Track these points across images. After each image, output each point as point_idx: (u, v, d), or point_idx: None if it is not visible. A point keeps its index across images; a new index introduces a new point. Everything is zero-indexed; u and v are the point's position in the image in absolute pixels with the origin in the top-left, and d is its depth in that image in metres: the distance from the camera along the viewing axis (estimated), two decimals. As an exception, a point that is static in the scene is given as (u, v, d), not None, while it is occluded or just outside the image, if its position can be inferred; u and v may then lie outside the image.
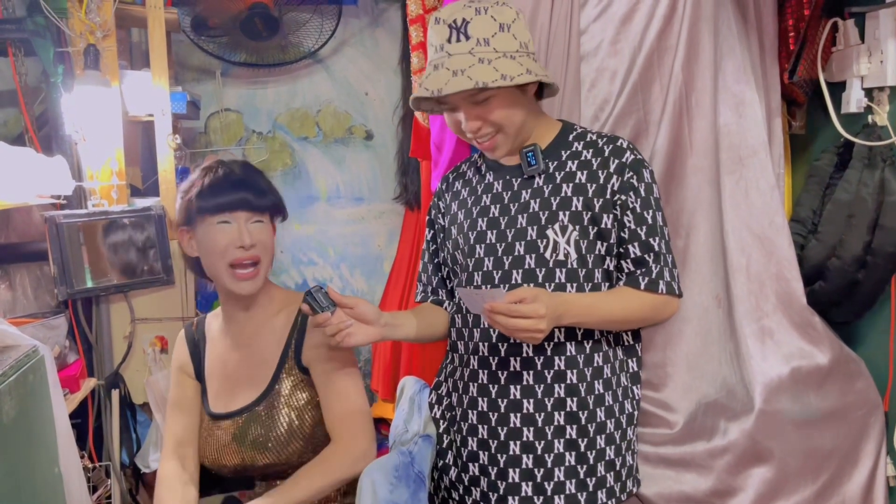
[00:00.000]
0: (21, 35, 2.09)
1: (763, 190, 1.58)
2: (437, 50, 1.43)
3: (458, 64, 1.37)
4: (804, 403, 1.49)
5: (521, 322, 1.25)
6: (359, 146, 3.09)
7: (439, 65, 1.40)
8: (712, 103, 1.62)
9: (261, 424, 1.49)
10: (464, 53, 1.38)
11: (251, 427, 1.49)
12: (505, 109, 1.41)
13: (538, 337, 1.28)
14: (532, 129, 1.50)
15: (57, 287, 2.01)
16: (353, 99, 3.07)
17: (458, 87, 1.35)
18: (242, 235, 1.45)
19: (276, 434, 1.48)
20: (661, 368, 1.61)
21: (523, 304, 1.25)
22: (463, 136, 1.49)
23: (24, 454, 1.29)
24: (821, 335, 1.53)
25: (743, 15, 1.64)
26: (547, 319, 1.26)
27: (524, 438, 1.47)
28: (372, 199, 3.12)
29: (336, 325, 1.36)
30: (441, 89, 1.37)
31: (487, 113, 1.41)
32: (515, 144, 1.48)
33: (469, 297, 1.37)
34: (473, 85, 1.34)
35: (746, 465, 1.49)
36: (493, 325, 1.29)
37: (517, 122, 1.44)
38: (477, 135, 1.44)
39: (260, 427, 1.49)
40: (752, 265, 1.57)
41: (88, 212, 2.05)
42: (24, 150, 1.89)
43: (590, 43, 1.69)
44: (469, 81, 1.34)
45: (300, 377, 1.51)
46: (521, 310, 1.24)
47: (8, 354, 1.35)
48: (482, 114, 1.41)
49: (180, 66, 2.89)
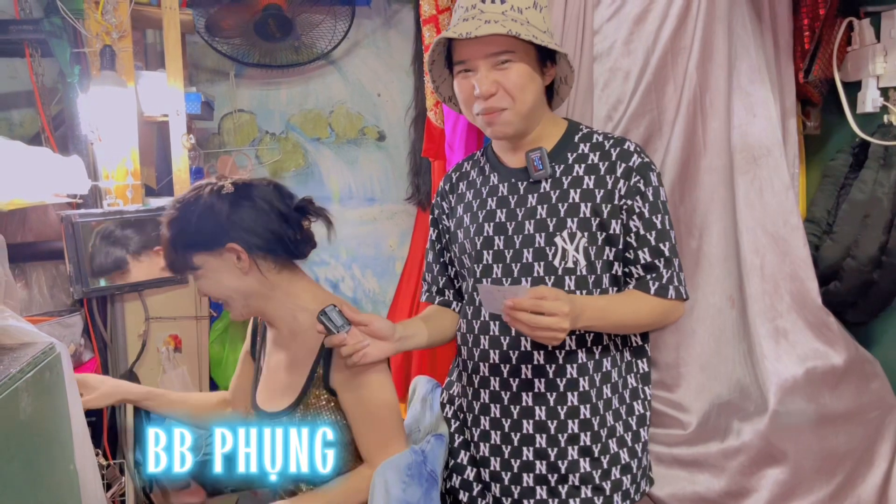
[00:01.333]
0: (38, 36, 2.11)
1: (777, 190, 1.58)
2: (469, 9, 1.41)
3: (492, 16, 1.37)
4: (819, 404, 1.48)
5: (544, 320, 1.22)
6: (371, 147, 3.10)
7: (469, 17, 1.39)
8: (726, 103, 1.61)
9: None
10: (497, 12, 1.38)
11: None
12: (523, 80, 1.39)
13: (560, 336, 1.25)
14: (539, 121, 1.48)
15: (72, 286, 2.02)
16: (366, 100, 3.07)
17: (489, 31, 1.34)
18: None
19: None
20: (675, 369, 1.61)
21: (547, 301, 1.22)
22: (471, 114, 1.46)
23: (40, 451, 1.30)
24: (836, 336, 1.52)
25: (758, 14, 1.64)
26: (569, 318, 1.24)
27: (537, 445, 1.46)
28: (384, 200, 3.12)
29: (352, 346, 1.34)
30: (470, 32, 1.35)
31: (505, 79, 1.39)
32: (521, 126, 1.45)
33: (489, 294, 1.32)
34: (507, 31, 1.33)
35: (760, 465, 1.48)
36: (512, 325, 1.26)
37: (529, 99, 1.42)
38: (488, 103, 1.40)
39: None
40: (767, 265, 1.56)
41: (104, 211, 2.07)
42: (41, 150, 1.90)
43: (603, 43, 1.69)
44: (502, 28, 1.33)
45: (327, 398, 1.47)
46: (545, 306, 1.21)
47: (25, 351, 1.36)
48: (499, 78, 1.39)
49: (194, 67, 2.90)
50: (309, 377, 1.47)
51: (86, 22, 2.09)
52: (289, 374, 1.51)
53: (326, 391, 1.46)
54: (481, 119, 1.45)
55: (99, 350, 2.15)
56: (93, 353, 2.10)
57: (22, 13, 2.20)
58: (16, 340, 1.42)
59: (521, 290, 1.24)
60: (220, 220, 1.43)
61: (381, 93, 3.08)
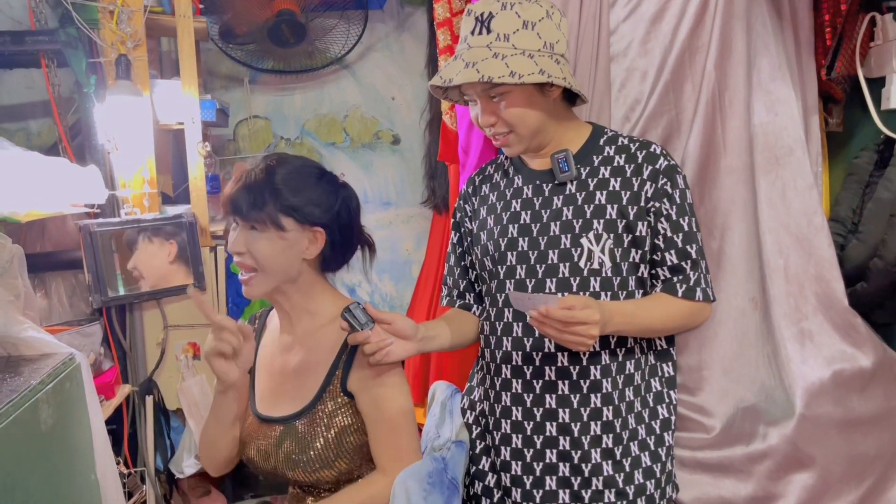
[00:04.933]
0: (53, 46, 2.13)
1: (801, 189, 1.55)
2: (462, 41, 1.44)
3: (473, 56, 1.37)
4: (847, 408, 1.45)
5: (576, 328, 1.23)
6: (386, 151, 3.10)
7: (458, 55, 1.41)
8: (746, 102, 1.59)
9: (296, 441, 1.45)
10: (482, 46, 1.38)
11: (286, 440, 1.46)
12: (518, 109, 1.40)
13: (589, 343, 1.26)
14: (554, 133, 1.48)
15: (91, 295, 2.03)
16: (380, 104, 3.08)
17: (464, 78, 1.36)
18: (235, 242, 1.43)
19: (308, 456, 1.44)
20: (697, 372, 1.59)
21: (579, 311, 1.23)
22: (483, 130, 1.49)
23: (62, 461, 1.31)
24: (863, 337, 1.49)
25: (777, 11, 1.61)
26: (599, 325, 1.25)
27: (560, 447, 1.45)
28: (400, 204, 3.13)
29: (376, 344, 1.34)
30: (452, 79, 1.38)
31: (501, 110, 1.41)
32: (531, 145, 1.47)
33: (519, 301, 1.34)
34: (478, 78, 1.34)
35: (787, 470, 1.46)
36: (541, 330, 1.27)
37: (531, 124, 1.42)
38: (492, 131, 1.45)
39: (295, 444, 1.45)
40: (791, 266, 1.53)
41: (121, 220, 2.08)
42: (59, 161, 1.92)
43: (619, 43, 1.67)
44: (476, 74, 1.34)
45: (343, 400, 1.45)
46: (578, 316, 1.22)
47: (45, 362, 1.36)
48: (496, 110, 1.41)
49: (209, 73, 2.92)
50: (326, 379, 1.46)
51: (101, 32, 2.10)
52: (299, 377, 1.50)
53: (343, 393, 1.45)
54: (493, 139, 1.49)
55: (118, 358, 2.16)
56: (112, 362, 2.11)
57: (37, 24, 2.21)
58: (36, 351, 1.43)
59: (551, 299, 1.24)
60: (330, 202, 1.46)
61: (395, 96, 3.08)
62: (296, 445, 1.45)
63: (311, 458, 1.44)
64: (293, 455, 1.45)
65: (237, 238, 1.43)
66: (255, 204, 1.41)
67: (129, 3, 2.10)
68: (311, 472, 1.45)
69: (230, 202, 1.43)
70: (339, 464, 1.45)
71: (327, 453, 1.44)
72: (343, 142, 3.08)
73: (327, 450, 1.44)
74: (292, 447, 1.46)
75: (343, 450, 1.45)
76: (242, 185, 1.42)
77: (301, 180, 1.46)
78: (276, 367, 1.55)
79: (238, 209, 1.42)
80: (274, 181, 1.43)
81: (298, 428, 1.46)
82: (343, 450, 1.45)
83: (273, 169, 1.44)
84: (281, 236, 1.44)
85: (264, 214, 1.41)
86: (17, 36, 2.14)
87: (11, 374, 1.27)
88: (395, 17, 3.02)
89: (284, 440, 1.47)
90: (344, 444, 1.45)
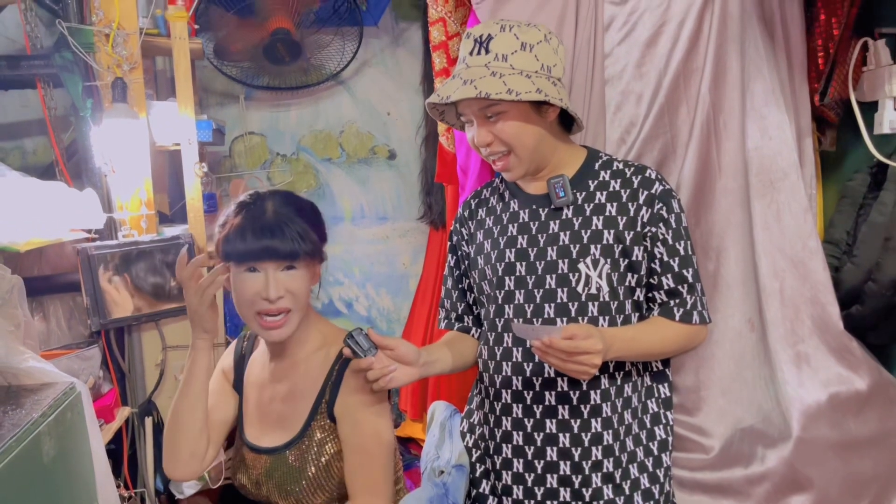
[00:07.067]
0: (49, 70, 2.12)
1: (796, 213, 1.56)
2: (460, 62, 1.46)
3: (471, 75, 1.39)
4: (843, 430, 1.46)
5: (579, 358, 1.25)
6: (382, 166, 3.11)
7: (456, 75, 1.42)
8: (741, 125, 1.60)
9: (287, 471, 1.46)
10: (480, 66, 1.40)
11: (277, 470, 1.47)
12: (516, 128, 1.41)
13: (592, 372, 1.27)
14: (552, 155, 1.49)
15: (90, 317, 2.03)
16: (376, 119, 3.08)
17: (462, 94, 1.37)
18: (269, 288, 1.37)
19: (301, 485, 1.45)
20: (695, 393, 1.60)
21: (582, 340, 1.24)
22: (480, 152, 1.49)
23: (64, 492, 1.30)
24: (859, 360, 1.51)
25: (770, 35, 1.63)
26: (601, 354, 1.27)
27: (561, 472, 1.46)
28: (396, 219, 3.13)
29: (379, 370, 1.34)
30: (449, 96, 1.39)
31: (497, 129, 1.42)
32: (531, 168, 1.48)
33: (522, 332, 1.37)
34: (476, 94, 1.35)
35: (786, 492, 1.47)
36: (543, 359, 1.29)
37: (528, 144, 1.43)
38: (488, 151, 1.45)
39: (286, 473, 1.46)
40: (787, 289, 1.55)
41: (119, 242, 2.08)
42: (56, 185, 1.91)
43: (614, 66, 1.69)
44: (474, 90, 1.36)
45: (330, 426, 1.46)
46: (581, 346, 1.24)
47: (46, 393, 1.36)
48: (493, 129, 1.42)
49: (204, 91, 2.92)
50: (314, 405, 1.46)
51: (96, 55, 2.09)
52: (287, 404, 1.49)
53: (330, 419, 1.45)
54: (491, 162, 1.49)
55: (117, 380, 2.16)
56: (111, 384, 2.11)
57: (32, 46, 2.21)
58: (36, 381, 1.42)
59: (554, 330, 1.26)
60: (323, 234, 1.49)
61: (390, 111, 3.09)
62: (287, 476, 1.46)
63: (303, 488, 1.45)
64: (286, 486, 1.46)
65: (271, 283, 1.38)
66: (293, 240, 1.38)
67: (125, 25, 2.10)
68: (305, 497, 1.46)
69: (259, 251, 1.37)
70: (331, 486, 1.46)
71: (319, 480, 1.45)
72: (339, 157, 3.08)
73: (319, 477, 1.45)
74: (284, 478, 1.46)
75: (334, 474, 1.46)
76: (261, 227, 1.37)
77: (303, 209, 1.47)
78: (265, 395, 1.55)
79: (273, 252, 1.37)
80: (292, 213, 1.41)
81: (289, 458, 1.46)
82: (334, 474, 1.46)
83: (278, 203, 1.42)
84: (310, 269, 1.46)
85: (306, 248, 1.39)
86: (13, 60, 2.14)
87: (13, 407, 1.27)
88: (390, 33, 3.03)
89: (276, 471, 1.47)
90: (334, 468, 1.46)
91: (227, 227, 1.41)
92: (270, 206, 1.41)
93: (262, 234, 1.37)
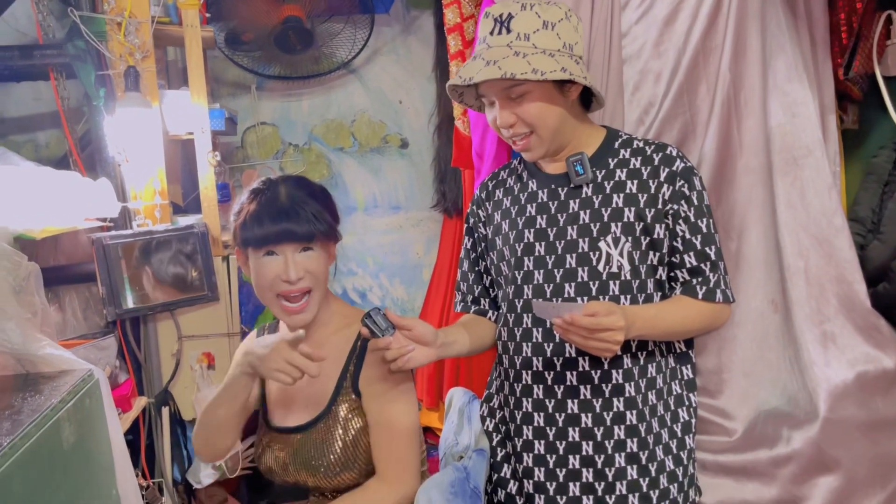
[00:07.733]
0: (62, 60, 2.12)
1: (820, 190, 1.53)
2: (481, 42, 1.44)
3: (494, 55, 1.37)
4: (871, 409, 1.44)
5: (601, 335, 1.23)
6: (394, 155, 3.09)
7: (478, 55, 1.40)
8: (762, 102, 1.58)
9: (315, 448, 1.47)
10: (502, 46, 1.38)
11: (304, 449, 1.48)
12: (540, 109, 1.39)
13: (614, 349, 1.26)
14: (572, 136, 1.47)
15: (105, 307, 2.03)
16: (388, 108, 3.07)
17: (486, 76, 1.34)
18: (289, 269, 1.40)
19: (328, 461, 1.45)
20: (717, 375, 1.58)
21: (603, 317, 1.23)
22: (501, 133, 1.48)
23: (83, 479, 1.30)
24: (887, 339, 1.48)
25: (792, 10, 1.60)
26: (623, 331, 1.25)
27: (583, 453, 1.45)
28: (409, 208, 3.12)
29: (397, 350, 1.33)
30: (472, 77, 1.37)
31: (521, 109, 1.39)
32: (552, 148, 1.46)
33: (542, 310, 1.35)
34: (501, 75, 1.33)
35: (812, 473, 1.45)
36: (565, 337, 1.27)
37: (551, 123, 1.41)
38: (511, 132, 1.43)
39: (314, 450, 1.47)
40: (811, 268, 1.52)
41: (134, 232, 2.07)
42: (71, 174, 1.91)
43: (632, 45, 1.67)
44: (498, 71, 1.33)
45: (356, 402, 1.47)
46: (603, 322, 1.22)
47: (64, 380, 1.36)
48: (516, 110, 1.40)
49: (216, 81, 2.91)
50: (339, 381, 1.47)
51: (109, 44, 2.09)
52: (311, 385, 1.50)
53: (355, 393, 1.46)
54: (511, 143, 1.47)
55: (133, 370, 2.16)
56: (128, 374, 2.11)
57: (44, 36, 2.20)
58: (54, 368, 1.42)
59: (575, 307, 1.24)
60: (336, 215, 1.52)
61: (402, 100, 3.07)
62: (315, 452, 1.46)
63: (331, 463, 1.45)
64: (313, 461, 1.46)
65: (290, 265, 1.41)
66: (309, 222, 1.40)
67: (137, 14, 2.10)
68: (333, 476, 1.46)
69: (277, 233, 1.40)
70: (359, 463, 1.46)
71: (346, 455, 1.45)
72: (351, 146, 3.07)
73: (346, 452, 1.45)
74: (311, 454, 1.47)
75: (361, 450, 1.46)
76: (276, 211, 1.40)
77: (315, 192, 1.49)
78: None
79: (290, 234, 1.40)
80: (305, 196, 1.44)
81: (315, 435, 1.47)
82: (361, 450, 1.46)
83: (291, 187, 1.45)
84: (327, 249, 1.48)
85: (322, 227, 1.42)
86: (26, 50, 2.13)
87: (32, 393, 1.27)
88: (401, 21, 3.01)
89: (302, 448, 1.48)
90: (361, 444, 1.46)
91: (243, 214, 1.44)
92: (284, 191, 1.44)
93: (279, 217, 1.40)
